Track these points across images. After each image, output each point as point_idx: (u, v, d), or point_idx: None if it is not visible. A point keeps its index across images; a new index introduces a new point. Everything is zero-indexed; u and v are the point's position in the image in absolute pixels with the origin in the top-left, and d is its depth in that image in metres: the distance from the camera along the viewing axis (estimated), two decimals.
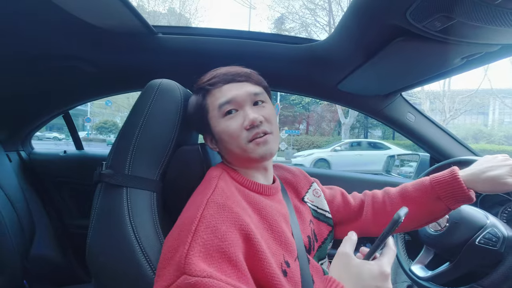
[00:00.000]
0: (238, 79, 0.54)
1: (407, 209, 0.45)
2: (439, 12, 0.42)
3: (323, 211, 0.67)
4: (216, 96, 0.54)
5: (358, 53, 0.69)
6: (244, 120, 0.52)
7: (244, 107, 0.53)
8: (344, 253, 0.45)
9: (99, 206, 0.57)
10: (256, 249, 0.43)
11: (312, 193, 0.68)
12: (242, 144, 0.52)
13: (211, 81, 0.55)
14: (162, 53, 0.85)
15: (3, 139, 1.18)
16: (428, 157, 1.10)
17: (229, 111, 0.53)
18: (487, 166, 0.56)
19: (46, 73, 0.90)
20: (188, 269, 0.37)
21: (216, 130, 0.55)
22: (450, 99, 10.41)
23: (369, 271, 0.42)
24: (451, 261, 0.70)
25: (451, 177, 0.57)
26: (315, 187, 0.70)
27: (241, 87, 0.54)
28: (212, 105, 0.55)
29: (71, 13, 0.60)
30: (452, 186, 0.57)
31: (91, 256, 0.55)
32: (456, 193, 0.56)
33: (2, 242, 0.94)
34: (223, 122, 0.53)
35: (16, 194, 1.04)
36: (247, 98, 0.53)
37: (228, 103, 0.53)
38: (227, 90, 0.54)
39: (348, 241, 0.47)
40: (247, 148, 0.52)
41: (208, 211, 0.43)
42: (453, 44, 0.53)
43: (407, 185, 0.65)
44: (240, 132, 0.52)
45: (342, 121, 10.42)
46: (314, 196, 0.68)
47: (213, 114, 0.55)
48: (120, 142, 0.60)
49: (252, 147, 0.52)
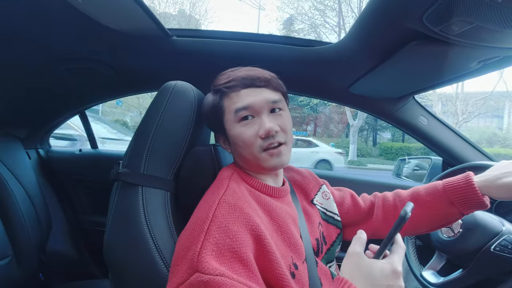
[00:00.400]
0: (257, 84, 0.53)
1: (412, 204, 0.44)
2: (456, 16, 0.42)
3: (332, 213, 0.67)
4: (234, 100, 0.53)
5: (371, 56, 0.69)
6: (259, 128, 0.51)
7: (261, 114, 0.52)
8: (354, 253, 0.45)
9: (115, 204, 0.59)
10: (267, 250, 0.43)
11: (321, 195, 0.68)
12: (255, 152, 0.52)
13: (229, 84, 0.54)
14: (176, 55, 0.86)
15: (23, 138, 1.23)
16: (440, 161, 1.08)
17: (245, 117, 0.52)
18: (503, 172, 0.55)
19: (65, 74, 0.94)
20: (201, 267, 0.38)
21: (230, 133, 0.54)
22: (463, 101, 10.12)
23: (381, 270, 0.42)
24: (464, 268, 0.68)
25: (465, 183, 0.56)
26: (325, 189, 0.69)
27: (260, 93, 0.53)
28: (228, 108, 0.54)
29: (92, 17, 0.63)
30: (466, 192, 0.56)
31: (108, 252, 0.56)
32: (470, 198, 0.55)
33: (21, 235, 0.98)
34: (238, 128, 0.53)
35: (34, 190, 1.09)
36: (264, 105, 0.52)
37: (245, 109, 0.52)
38: (245, 95, 0.52)
39: (358, 240, 0.46)
40: (260, 157, 0.52)
41: (220, 211, 0.44)
42: (470, 47, 0.52)
43: (419, 189, 0.64)
44: (255, 139, 0.51)
45: (351, 123, 10.28)
46: (323, 198, 0.68)
47: (229, 117, 0.54)
48: (136, 142, 0.62)
49: (265, 156, 0.52)
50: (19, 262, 0.97)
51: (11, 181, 0.99)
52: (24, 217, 0.99)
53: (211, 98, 0.57)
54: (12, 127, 1.21)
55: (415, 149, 7.68)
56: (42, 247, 1.09)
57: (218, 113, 0.55)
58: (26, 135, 1.26)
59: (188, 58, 0.88)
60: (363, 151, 12.45)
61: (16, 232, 0.97)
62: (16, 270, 0.96)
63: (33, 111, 1.20)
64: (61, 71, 0.91)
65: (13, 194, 0.98)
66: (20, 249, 0.97)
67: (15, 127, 1.22)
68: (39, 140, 1.36)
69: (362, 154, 12.31)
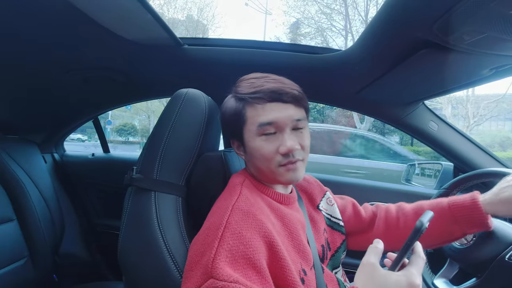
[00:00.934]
0: (284, 99, 0.51)
1: (432, 213, 0.43)
2: (468, 26, 0.42)
3: (337, 219, 0.67)
4: (258, 112, 0.51)
5: (380, 64, 0.69)
6: (280, 145, 0.51)
7: (284, 131, 0.51)
8: (368, 263, 0.43)
9: (129, 209, 0.60)
10: (279, 256, 0.44)
11: (326, 201, 0.69)
12: (272, 167, 0.52)
13: (255, 95, 0.51)
14: (187, 63, 0.89)
15: (40, 142, 1.27)
16: (451, 166, 1.06)
17: (267, 132, 0.51)
18: (502, 187, 0.55)
19: (81, 83, 0.97)
20: (216, 273, 0.38)
21: (249, 144, 0.53)
22: (474, 104, 9.87)
23: (396, 283, 0.40)
24: (478, 277, 0.67)
25: (470, 202, 0.56)
26: (329, 196, 0.70)
27: (285, 110, 0.51)
28: (251, 119, 0.52)
29: (108, 28, 0.65)
30: (471, 211, 0.56)
31: (122, 256, 0.58)
32: (474, 218, 0.56)
33: (36, 236, 1.01)
34: (258, 141, 0.52)
35: (49, 193, 1.12)
36: (288, 122, 0.51)
37: (269, 124, 0.51)
38: (270, 110, 0.51)
39: (373, 250, 0.45)
40: (276, 171, 0.52)
41: (233, 217, 0.45)
42: (482, 55, 0.52)
43: (423, 204, 0.64)
44: (274, 155, 0.51)
45: (358, 126, 10.17)
46: (328, 204, 0.68)
47: (251, 128, 0.52)
48: (149, 148, 0.63)
49: (282, 171, 0.52)
50: (34, 263, 1.00)
51: (28, 185, 1.03)
52: (39, 219, 1.02)
53: (234, 105, 0.55)
54: (29, 132, 1.26)
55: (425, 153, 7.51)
56: (56, 248, 1.12)
57: (239, 121, 0.54)
58: (42, 140, 1.31)
59: (199, 66, 0.90)
60: None
61: (32, 233, 1.00)
62: (31, 271, 0.99)
63: (50, 117, 1.24)
64: (78, 80, 0.95)
65: (30, 197, 1.02)
66: (36, 251, 1.00)
67: (33, 132, 1.27)
68: (54, 145, 1.41)
69: None
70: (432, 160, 1.69)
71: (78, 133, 13.51)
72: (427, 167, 1.41)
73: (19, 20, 0.61)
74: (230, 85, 0.58)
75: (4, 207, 0.95)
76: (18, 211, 0.98)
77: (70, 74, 0.91)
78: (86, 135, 13.28)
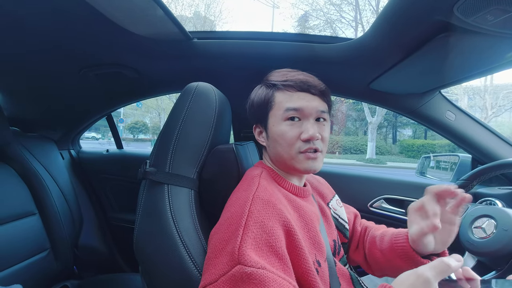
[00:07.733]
0: (312, 91, 0.55)
1: None
2: (492, 5, 0.40)
3: (343, 221, 0.69)
4: (287, 98, 0.55)
5: (396, 51, 0.67)
6: (302, 132, 0.53)
7: (308, 119, 0.54)
8: (424, 279, 0.38)
9: (143, 202, 0.61)
10: (296, 245, 0.44)
11: (335, 202, 0.70)
12: (293, 152, 0.54)
13: (287, 83, 0.56)
14: (197, 57, 0.89)
15: (57, 139, 1.32)
16: (469, 158, 1.02)
17: (292, 118, 0.54)
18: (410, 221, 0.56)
19: (94, 79, 0.99)
20: (243, 259, 0.39)
21: (273, 129, 0.56)
22: (492, 94, 9.44)
23: None
24: (498, 270, 0.65)
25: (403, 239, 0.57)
26: (338, 198, 0.72)
27: (312, 100, 0.55)
28: (278, 104, 0.56)
29: (118, 24, 0.66)
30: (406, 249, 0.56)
31: (138, 247, 0.59)
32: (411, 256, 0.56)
33: (57, 230, 1.05)
34: (283, 126, 0.54)
35: (68, 188, 1.16)
36: (313, 112, 0.55)
37: (295, 110, 0.54)
38: (299, 98, 0.54)
39: (438, 266, 0.38)
40: (296, 158, 0.54)
41: (255, 206, 0.45)
42: (506, 37, 0.49)
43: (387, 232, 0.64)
44: (296, 141, 0.54)
45: (369, 120, 9.95)
46: (337, 205, 0.70)
47: (277, 113, 0.55)
48: (161, 142, 0.64)
49: (301, 159, 0.54)
50: (56, 254, 1.04)
51: (48, 180, 1.07)
52: (59, 213, 1.07)
53: (264, 91, 0.59)
54: (47, 130, 1.30)
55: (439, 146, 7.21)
56: (75, 241, 1.17)
57: (267, 106, 0.57)
58: (59, 137, 1.36)
59: (209, 60, 0.90)
60: (382, 149, 12.01)
61: (53, 227, 1.04)
62: (53, 262, 1.03)
63: (66, 115, 1.28)
64: (91, 77, 0.97)
65: (50, 192, 1.06)
66: (56, 243, 1.05)
67: (51, 129, 1.32)
68: (71, 142, 1.46)
69: (381, 152, 11.88)
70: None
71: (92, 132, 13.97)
72: (442, 160, 1.36)
73: (33, 18, 0.63)
74: (240, 78, 0.58)
75: (27, 202, 0.99)
76: (39, 206, 1.02)
77: (83, 71, 0.93)
78: (100, 133, 13.67)
